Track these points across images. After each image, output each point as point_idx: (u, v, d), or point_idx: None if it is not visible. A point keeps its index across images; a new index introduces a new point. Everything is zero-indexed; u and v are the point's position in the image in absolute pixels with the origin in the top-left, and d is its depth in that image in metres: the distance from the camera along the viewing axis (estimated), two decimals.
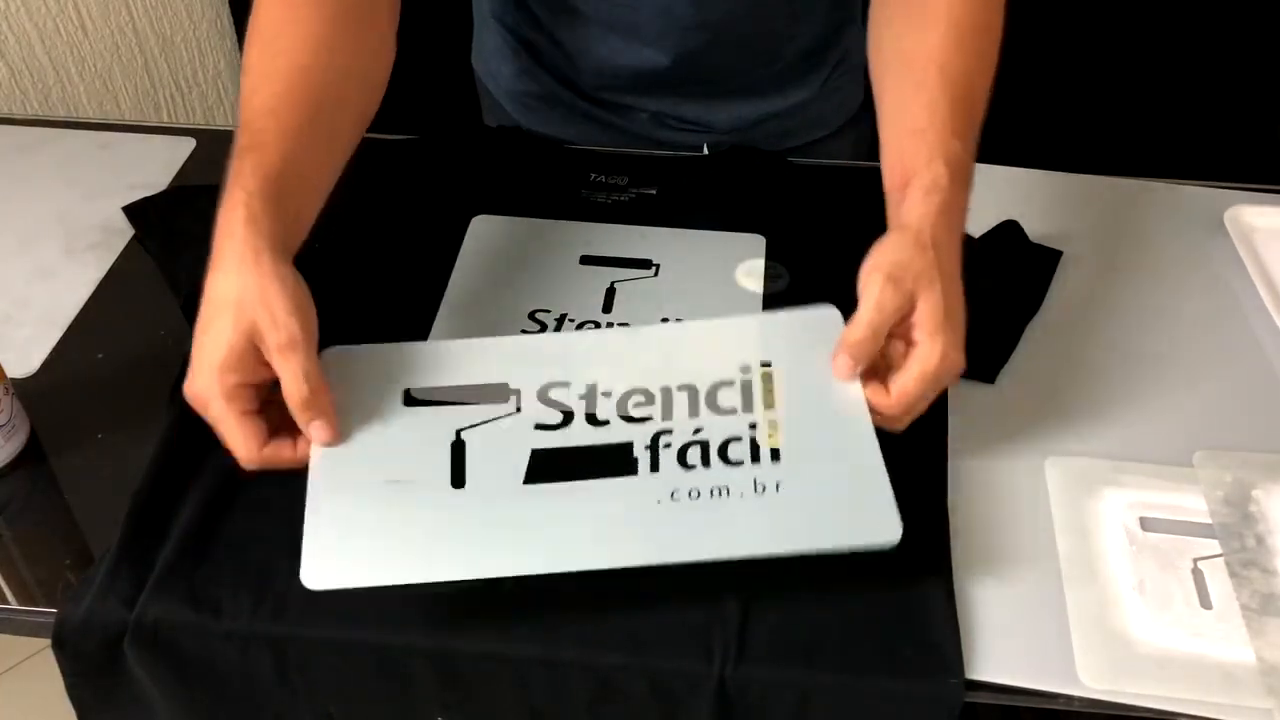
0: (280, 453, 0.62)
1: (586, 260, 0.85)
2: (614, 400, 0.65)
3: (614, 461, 0.62)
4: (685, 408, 0.64)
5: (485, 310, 0.80)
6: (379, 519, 0.60)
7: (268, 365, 0.61)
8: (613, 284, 0.83)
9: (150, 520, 0.66)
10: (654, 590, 0.63)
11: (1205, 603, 0.64)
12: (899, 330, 0.63)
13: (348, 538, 0.59)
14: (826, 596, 0.63)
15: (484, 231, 0.87)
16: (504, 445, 0.63)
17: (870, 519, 0.59)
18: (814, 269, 0.84)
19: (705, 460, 0.62)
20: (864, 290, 0.63)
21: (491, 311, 0.80)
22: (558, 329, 0.79)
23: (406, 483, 0.62)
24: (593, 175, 0.93)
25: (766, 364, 0.66)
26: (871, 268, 0.63)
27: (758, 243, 0.86)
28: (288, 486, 0.68)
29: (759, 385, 0.65)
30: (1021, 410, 0.75)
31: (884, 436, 0.63)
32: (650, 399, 0.65)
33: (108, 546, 0.64)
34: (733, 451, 0.62)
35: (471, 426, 0.64)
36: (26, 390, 0.74)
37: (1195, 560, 0.66)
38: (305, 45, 0.70)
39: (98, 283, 0.84)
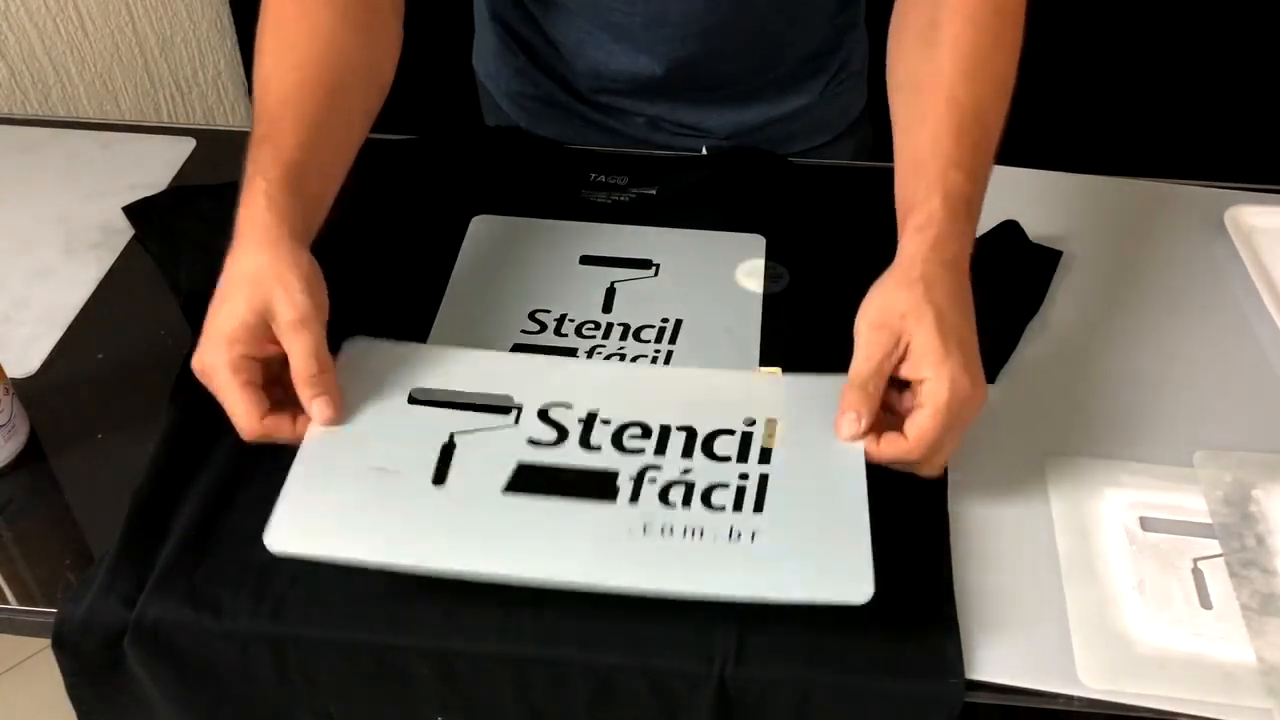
0: (280, 426, 0.63)
1: (586, 260, 0.85)
2: (611, 428, 0.66)
3: (596, 486, 0.63)
4: (680, 448, 0.65)
5: (485, 310, 0.80)
6: (354, 499, 0.61)
7: (276, 343, 0.63)
8: (613, 284, 0.83)
9: (150, 520, 0.66)
10: None
11: (1205, 603, 0.64)
12: (905, 374, 0.63)
13: (319, 510, 0.61)
14: None
15: (484, 231, 0.87)
16: (493, 453, 0.64)
17: (841, 576, 0.58)
18: (814, 269, 0.84)
19: (686, 501, 0.62)
20: (856, 336, 0.63)
21: (491, 311, 0.80)
22: (558, 329, 0.79)
23: (390, 472, 0.62)
24: (593, 175, 0.93)
25: (772, 419, 0.66)
26: (859, 317, 0.64)
27: (758, 243, 0.86)
28: None
29: (759, 439, 0.65)
30: (1021, 410, 0.75)
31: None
32: (647, 433, 0.65)
33: (108, 546, 0.64)
34: (716, 497, 0.62)
35: (466, 431, 0.65)
36: (26, 390, 0.74)
37: (1195, 560, 0.66)
38: (317, 38, 0.71)
39: (98, 283, 0.84)
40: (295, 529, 0.59)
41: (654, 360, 0.77)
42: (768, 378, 0.70)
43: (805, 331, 0.79)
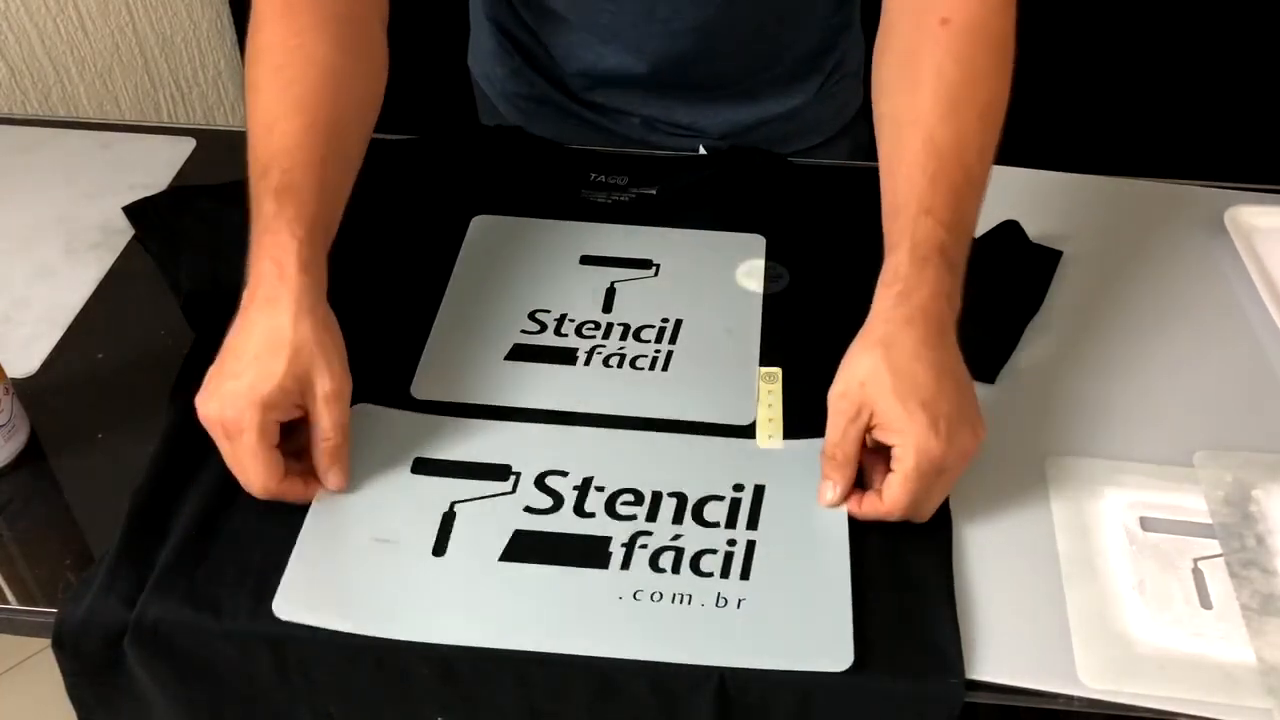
0: (293, 488, 0.65)
1: (586, 260, 0.85)
2: (605, 495, 0.68)
3: (589, 552, 0.65)
4: (670, 514, 0.67)
5: (485, 310, 0.80)
6: (357, 571, 0.64)
7: (301, 408, 0.64)
8: (613, 284, 0.83)
9: (150, 520, 0.66)
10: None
11: (1205, 603, 0.64)
12: (879, 439, 0.63)
13: (324, 581, 0.63)
14: None
15: (484, 231, 0.87)
16: (491, 521, 0.66)
17: (822, 645, 0.60)
18: (814, 269, 0.84)
19: (676, 567, 0.64)
20: (829, 404, 0.65)
21: (491, 311, 0.80)
22: (558, 329, 0.79)
23: (392, 543, 0.65)
24: (592, 175, 0.93)
25: (760, 486, 0.68)
26: (836, 380, 0.65)
27: (758, 243, 0.86)
28: None
29: (747, 505, 0.67)
30: (1021, 410, 0.75)
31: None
32: (639, 500, 0.67)
33: (108, 546, 0.64)
34: (705, 563, 0.64)
35: (466, 500, 0.67)
36: (26, 390, 0.74)
37: (1195, 560, 0.66)
38: (315, 74, 0.71)
39: (98, 283, 0.84)
40: (301, 599, 0.62)
41: (654, 360, 0.77)
42: (757, 444, 0.71)
43: (805, 331, 0.79)
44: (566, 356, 0.77)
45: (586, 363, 0.76)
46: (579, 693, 0.62)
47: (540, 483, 0.68)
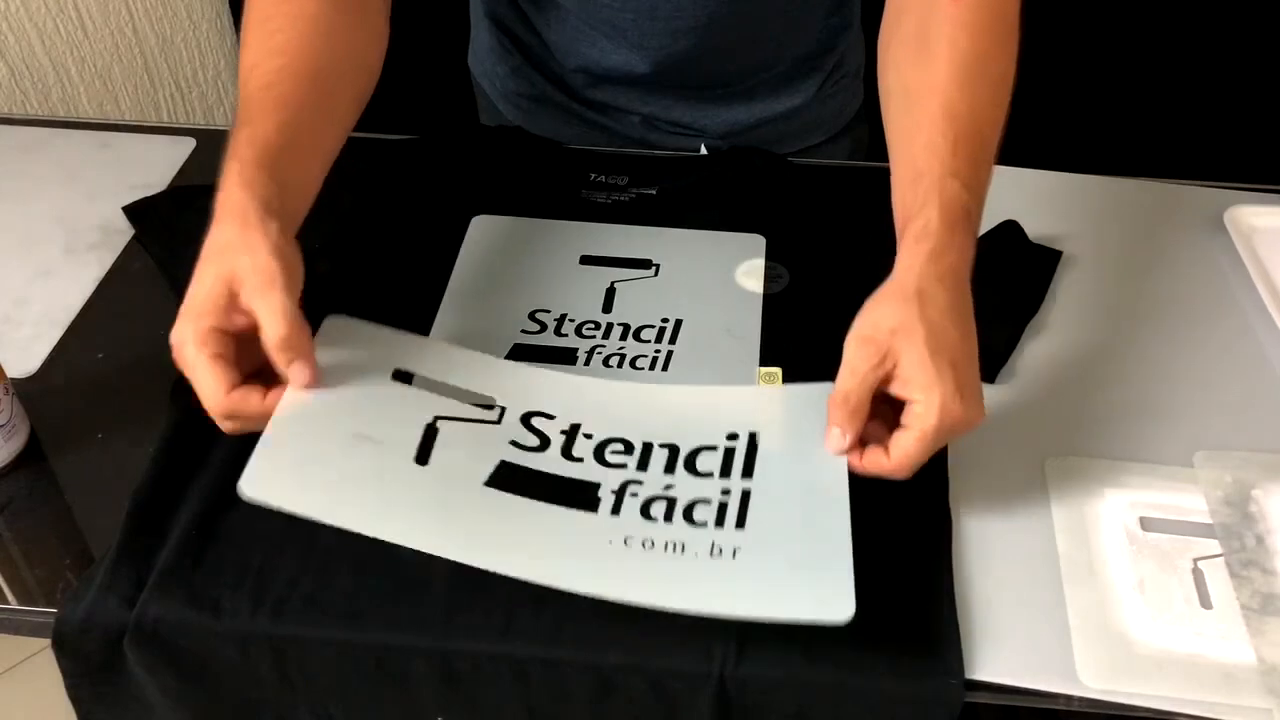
0: (248, 399, 0.61)
1: (586, 260, 0.85)
2: (593, 443, 0.65)
3: (577, 495, 0.62)
4: (662, 464, 0.64)
5: (485, 310, 0.80)
6: (335, 461, 0.60)
7: (246, 314, 0.61)
8: (613, 284, 0.83)
9: (150, 520, 0.66)
10: None
11: (1205, 603, 0.64)
12: (895, 393, 0.61)
13: (298, 468, 0.59)
14: None
15: (484, 231, 0.87)
16: (476, 446, 0.63)
17: (823, 595, 0.56)
18: (814, 269, 0.84)
19: (669, 516, 0.61)
20: (843, 355, 0.62)
21: (491, 311, 0.80)
22: (558, 329, 0.79)
23: (374, 441, 0.61)
24: (592, 175, 0.93)
25: (754, 434, 0.65)
26: (850, 331, 0.62)
27: (758, 243, 0.86)
28: None
29: (742, 454, 0.64)
30: (1021, 410, 0.75)
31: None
32: (629, 450, 0.65)
33: (108, 546, 0.64)
34: (698, 513, 0.61)
35: (450, 419, 0.64)
36: (26, 390, 0.74)
37: (1195, 560, 0.66)
38: (301, 21, 0.70)
39: (98, 283, 0.84)
40: (273, 479, 0.57)
41: (654, 360, 0.77)
42: (752, 390, 0.68)
43: (805, 331, 0.79)
44: (566, 356, 0.77)
45: (586, 363, 0.76)
46: (578, 693, 0.62)
47: (526, 421, 0.66)
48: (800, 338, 0.78)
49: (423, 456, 0.62)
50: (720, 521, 0.60)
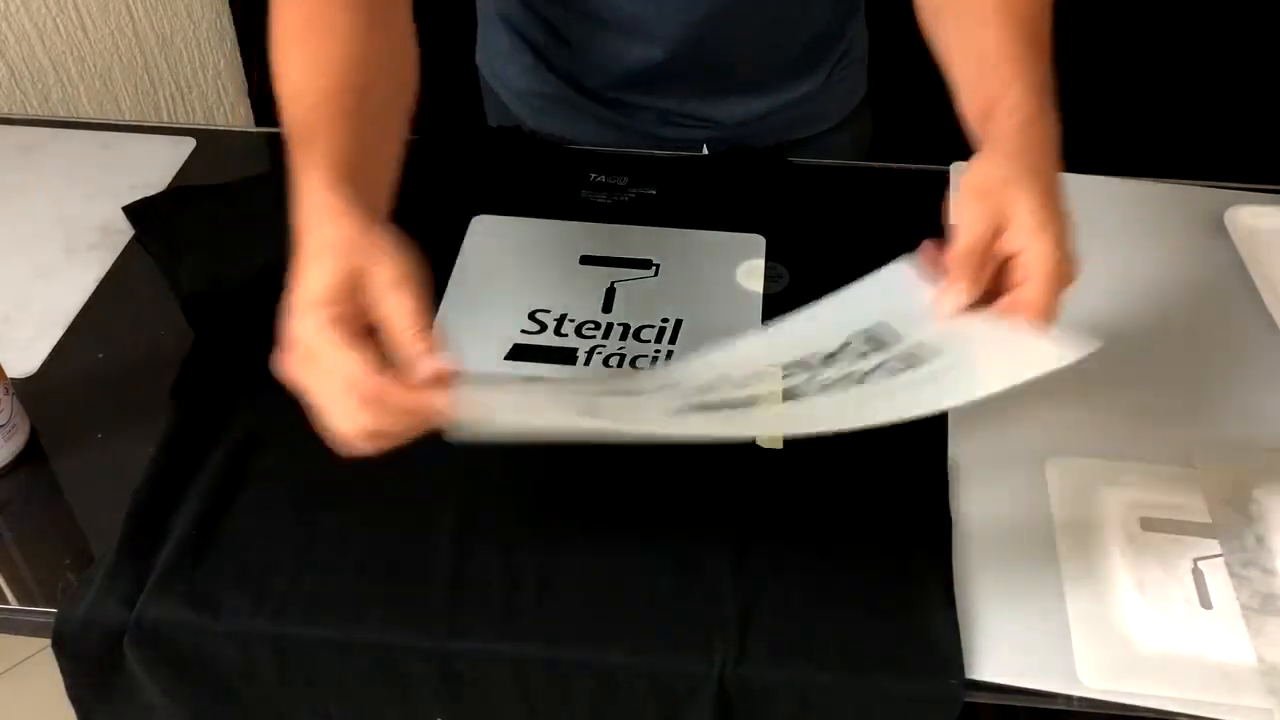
0: (393, 386, 0.53)
1: (586, 260, 0.85)
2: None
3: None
4: (823, 359, 0.60)
5: (485, 310, 0.80)
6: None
7: (363, 312, 0.56)
8: (613, 284, 0.83)
9: (150, 520, 0.66)
10: (655, 590, 0.63)
11: (1205, 603, 0.64)
12: (1004, 247, 0.59)
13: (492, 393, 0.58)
14: (826, 596, 0.63)
15: (484, 231, 0.87)
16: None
17: (1050, 345, 0.56)
18: (814, 269, 0.84)
19: (870, 376, 0.58)
20: (956, 214, 0.60)
21: (491, 311, 0.80)
22: (558, 329, 0.79)
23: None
24: (593, 175, 0.93)
25: (875, 324, 0.62)
26: (961, 187, 0.61)
27: (758, 243, 0.86)
28: (289, 486, 0.68)
29: (876, 338, 0.61)
30: (1021, 410, 0.75)
31: (881, 438, 0.62)
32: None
33: (108, 546, 0.64)
34: (899, 368, 0.59)
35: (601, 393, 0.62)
36: (26, 390, 0.74)
37: (1195, 560, 0.66)
38: (338, 43, 0.69)
39: (98, 283, 0.84)
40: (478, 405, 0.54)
41: (654, 360, 0.77)
42: (834, 299, 0.65)
43: None
44: (566, 356, 0.77)
45: (586, 363, 0.76)
46: (579, 693, 0.62)
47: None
48: None
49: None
50: (916, 365, 0.58)
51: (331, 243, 0.56)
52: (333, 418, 0.53)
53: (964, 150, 0.88)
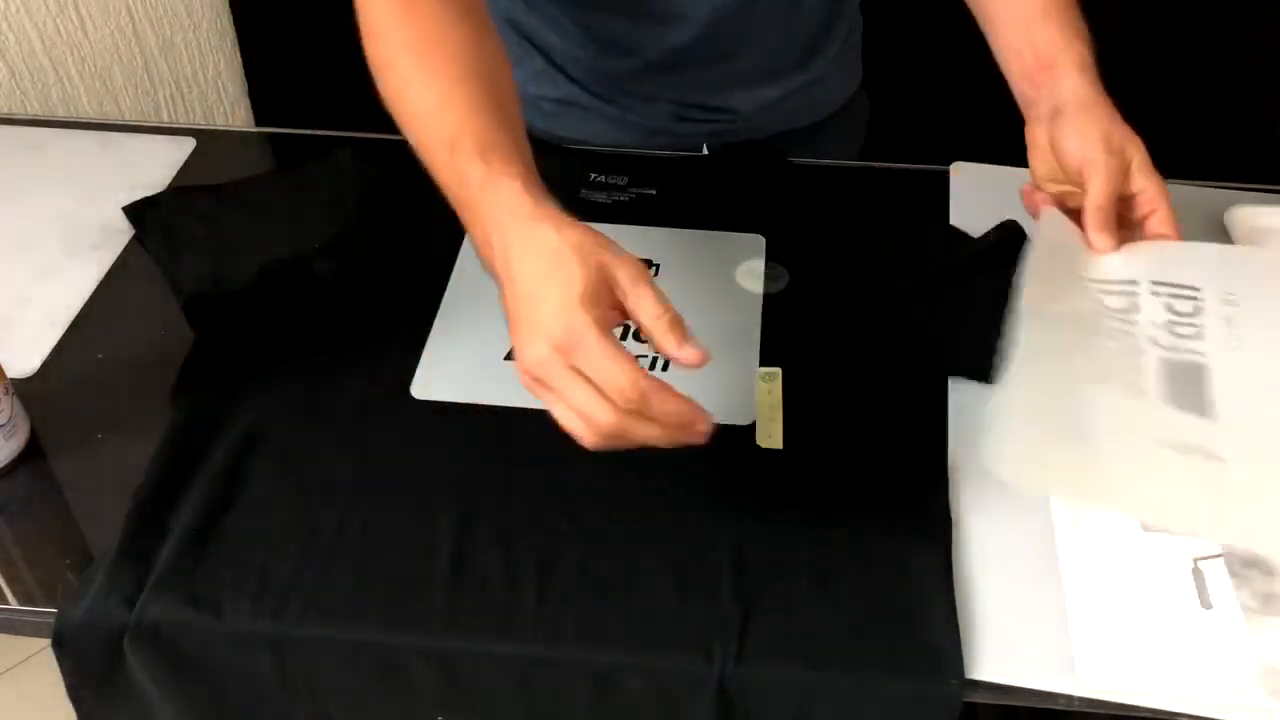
0: (661, 389, 0.58)
1: None
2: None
3: None
4: None
5: (485, 310, 0.80)
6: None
7: (612, 311, 0.60)
8: None
9: (150, 520, 0.66)
10: (654, 589, 0.63)
11: (1205, 603, 0.64)
12: (1144, 179, 0.74)
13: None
14: (826, 596, 0.63)
15: None
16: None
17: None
18: (814, 269, 0.84)
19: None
20: (1089, 167, 0.72)
21: (492, 312, 0.80)
22: None
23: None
24: (592, 175, 0.93)
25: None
26: (1090, 145, 0.73)
27: (758, 243, 0.86)
28: (289, 485, 0.68)
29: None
30: None
31: (881, 438, 0.62)
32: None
33: (108, 546, 0.64)
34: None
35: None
36: (26, 390, 0.74)
37: (1195, 560, 0.66)
38: (462, 54, 0.69)
39: (98, 283, 0.84)
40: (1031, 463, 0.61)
41: (654, 360, 0.77)
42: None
43: (805, 331, 0.79)
44: None
45: None
46: (579, 693, 0.62)
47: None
48: (800, 338, 0.78)
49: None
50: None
51: (573, 245, 0.59)
52: (591, 421, 0.57)
53: (964, 150, 0.88)
